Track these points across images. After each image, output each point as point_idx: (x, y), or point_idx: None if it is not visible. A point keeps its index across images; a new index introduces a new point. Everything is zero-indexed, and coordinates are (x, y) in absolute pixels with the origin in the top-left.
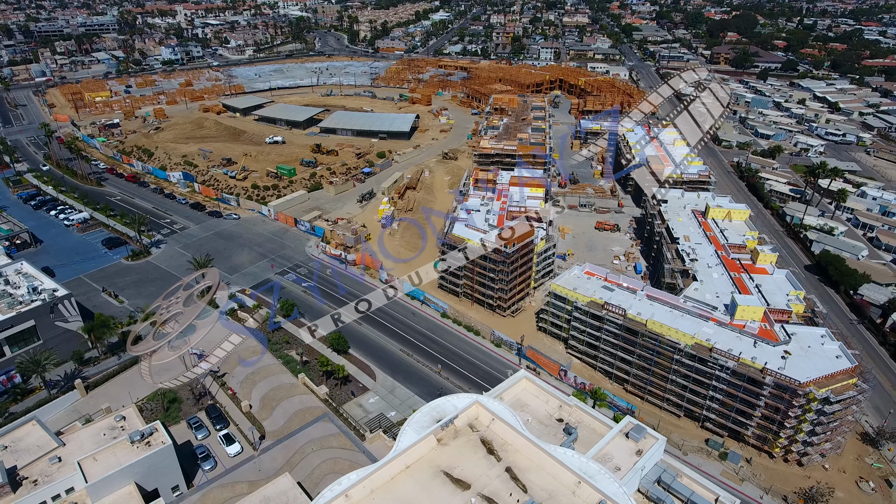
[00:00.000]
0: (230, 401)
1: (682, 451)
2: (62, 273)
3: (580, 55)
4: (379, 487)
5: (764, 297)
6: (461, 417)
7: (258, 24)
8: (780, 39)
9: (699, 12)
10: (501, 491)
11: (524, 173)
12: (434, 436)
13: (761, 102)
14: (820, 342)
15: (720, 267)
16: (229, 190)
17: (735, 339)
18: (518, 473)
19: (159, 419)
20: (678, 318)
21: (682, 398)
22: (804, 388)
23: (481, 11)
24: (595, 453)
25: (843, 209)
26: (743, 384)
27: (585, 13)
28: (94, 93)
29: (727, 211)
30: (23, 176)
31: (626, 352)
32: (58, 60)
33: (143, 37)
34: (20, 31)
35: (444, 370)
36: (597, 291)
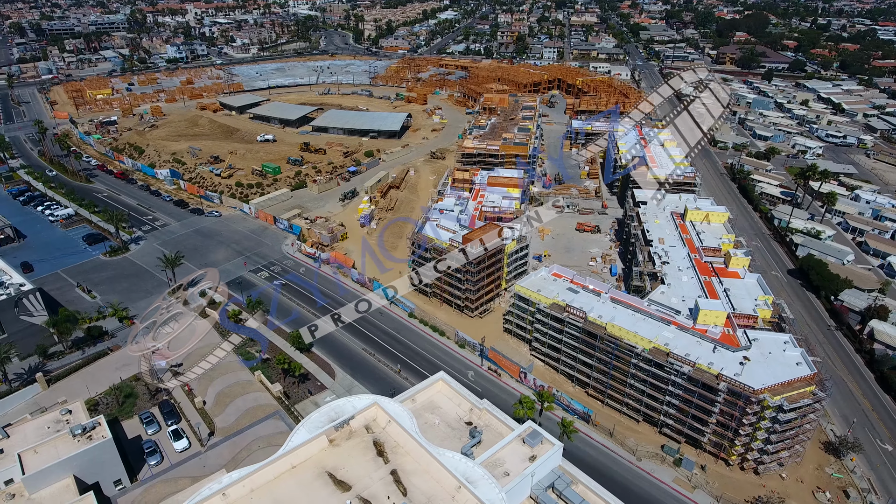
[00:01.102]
0: (186, 397)
1: (636, 457)
2: (41, 268)
3: (584, 55)
4: (259, 487)
5: (731, 301)
6: (359, 418)
7: (265, 22)
8: (790, 39)
9: (709, 12)
10: (380, 494)
11: (503, 173)
12: (326, 436)
13: (762, 103)
14: (782, 349)
15: (691, 270)
16: (214, 187)
17: (695, 343)
18: (402, 476)
19: (115, 413)
20: (639, 321)
21: (640, 403)
22: (758, 395)
23: (490, 10)
24: (487, 458)
25: (834, 213)
26: (698, 390)
27: (594, 12)
28: (96, 90)
29: (705, 213)
30: (15, 172)
31: (586, 355)
32: (66, 58)
33: (151, 35)
34: (32, 30)
35: (405, 370)
36: (561, 293)
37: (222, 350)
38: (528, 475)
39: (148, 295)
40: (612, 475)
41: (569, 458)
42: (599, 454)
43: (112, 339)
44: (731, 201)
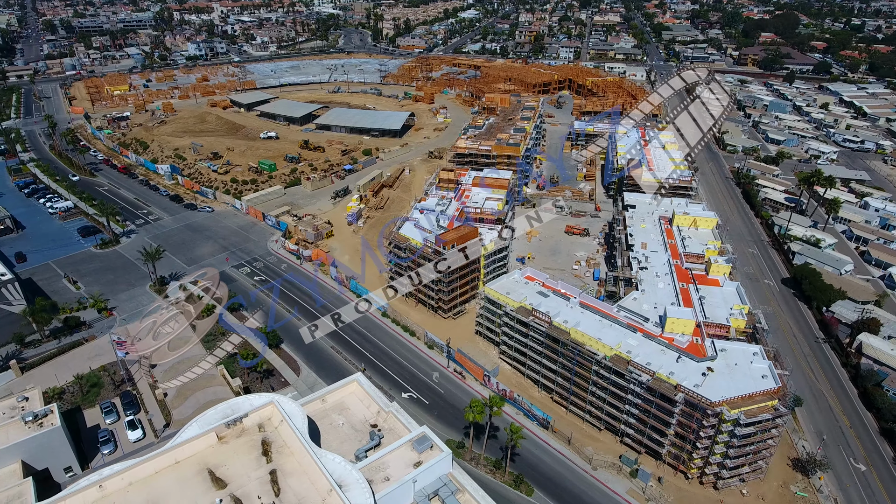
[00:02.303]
0: (149, 388)
1: (592, 466)
2: (33, 258)
3: (601, 55)
4: (138, 481)
5: (705, 309)
6: (254, 416)
7: (286, 21)
8: (820, 40)
9: (737, 12)
10: (253, 493)
11: (491, 174)
12: (216, 433)
13: (779, 106)
14: (749, 360)
15: (669, 276)
16: (210, 183)
17: (659, 352)
18: (281, 477)
19: (78, 402)
20: (605, 328)
21: (601, 411)
22: (714, 407)
23: (513, 10)
24: (370, 462)
25: (840, 220)
26: (656, 400)
27: (618, 12)
28: (114, 86)
29: (693, 218)
30: (24, 164)
31: (550, 360)
32: (90, 55)
33: (175, 33)
34: (63, 27)
35: (371, 370)
36: (530, 297)
37: (222, 350)
38: (410, 481)
39: (130, 287)
40: (564, 484)
41: (523, 465)
42: (555, 462)
43: (89, 329)
44: (733, 206)
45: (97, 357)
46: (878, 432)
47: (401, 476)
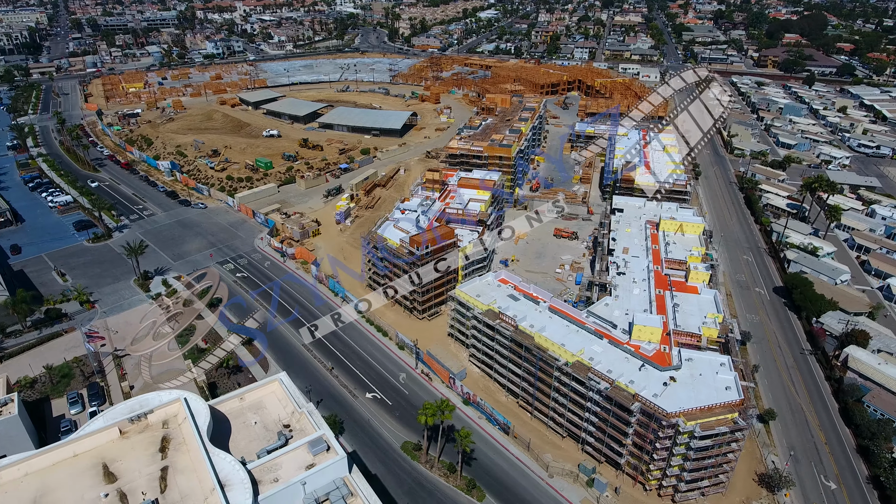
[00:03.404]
0: (118, 380)
1: (549, 473)
2: (28, 250)
3: (616, 55)
4: (34, 472)
5: (677, 317)
6: (160, 413)
7: (304, 20)
8: (847, 42)
9: (762, 12)
10: (139, 489)
11: (479, 175)
12: (119, 428)
13: (794, 109)
14: (715, 371)
15: (646, 282)
16: (206, 180)
17: (622, 360)
18: (172, 473)
19: (48, 391)
20: (571, 333)
21: (563, 417)
22: (670, 418)
23: (533, 10)
24: (264, 462)
25: (844, 228)
26: (613, 409)
27: (640, 12)
28: (130, 84)
29: (679, 224)
30: (33, 159)
31: (515, 364)
32: (112, 53)
33: (195, 32)
34: (89, 25)
35: (339, 368)
36: (500, 300)
37: (222, 350)
38: (298, 483)
39: (115, 281)
40: (517, 490)
41: (479, 470)
42: (512, 468)
43: (69, 321)
44: (733, 212)
45: (74, 348)
46: (854, 450)
47: (290, 478)
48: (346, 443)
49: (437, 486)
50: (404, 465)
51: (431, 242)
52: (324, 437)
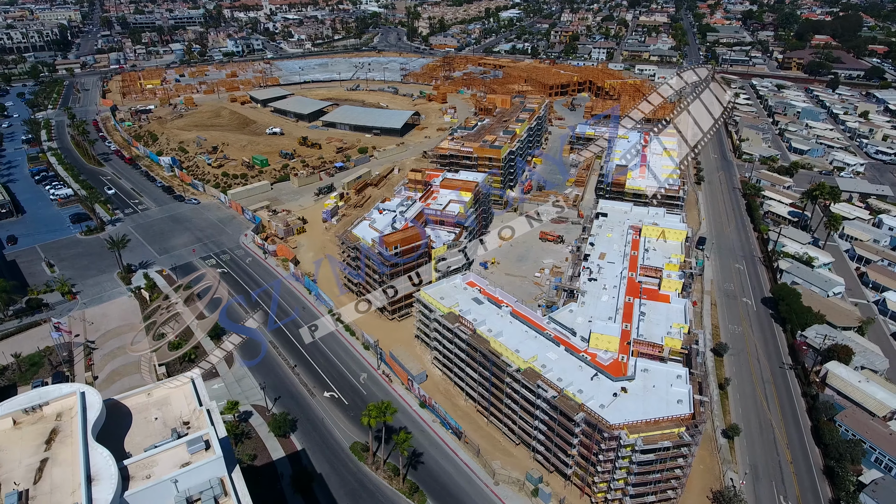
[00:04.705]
0: (83, 370)
1: (494, 481)
2: (24, 241)
3: (634, 56)
4: None
5: (641, 326)
6: (56, 405)
7: (326, 19)
8: (882, 44)
9: (793, 13)
10: (12, 479)
11: (463, 176)
12: (13, 418)
13: (812, 114)
14: (669, 383)
15: (616, 289)
16: (203, 176)
17: (576, 368)
18: (49, 465)
19: (15, 379)
20: (529, 339)
21: (515, 424)
22: (612, 430)
23: (557, 10)
24: (141, 459)
25: (847, 238)
26: (559, 417)
27: (667, 12)
28: (147, 80)
29: (661, 230)
30: (43, 153)
31: (472, 369)
32: (136, 50)
33: (219, 30)
34: (118, 23)
35: (302, 366)
36: (463, 303)
37: (222, 350)
38: (169, 481)
39: (99, 273)
40: (461, 496)
41: (425, 474)
42: (458, 473)
43: (49, 311)
44: (731, 219)
45: (49, 338)
46: (821, 470)
47: (162, 475)
48: (296, 441)
49: (380, 489)
50: (350, 466)
51: (402, 243)
52: (206, 436)
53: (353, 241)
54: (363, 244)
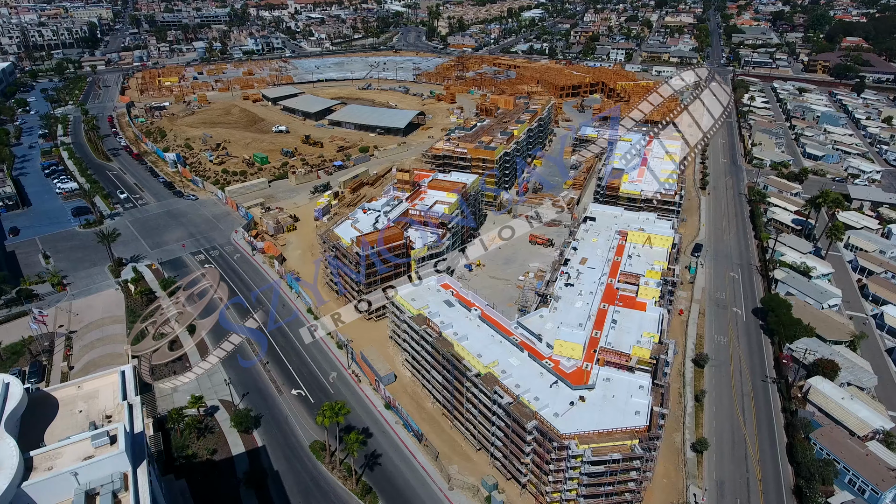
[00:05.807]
0: (61, 360)
1: (449, 486)
2: (26, 233)
3: (654, 57)
4: None
5: (611, 334)
6: None
7: (347, 18)
8: None
9: (824, 14)
10: None
11: (451, 177)
12: None
13: (832, 118)
14: (630, 394)
15: (592, 296)
16: (204, 173)
17: (537, 375)
18: None
19: None
20: (494, 343)
21: (476, 429)
22: (562, 440)
23: (582, 10)
24: (46, 451)
25: (851, 248)
26: (513, 424)
27: (694, 12)
28: (166, 78)
29: (647, 236)
30: (56, 147)
31: (437, 372)
32: (160, 48)
33: (241, 28)
34: (146, 21)
35: (273, 362)
36: (434, 305)
37: (222, 350)
38: (69, 473)
39: (92, 266)
40: (413, 500)
41: (380, 476)
42: (414, 476)
43: (39, 301)
44: (732, 226)
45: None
46: (791, 489)
47: (64, 467)
48: (258, 437)
49: (333, 488)
50: (307, 464)
51: (378, 243)
52: (113, 430)
53: (333, 240)
54: (342, 243)
